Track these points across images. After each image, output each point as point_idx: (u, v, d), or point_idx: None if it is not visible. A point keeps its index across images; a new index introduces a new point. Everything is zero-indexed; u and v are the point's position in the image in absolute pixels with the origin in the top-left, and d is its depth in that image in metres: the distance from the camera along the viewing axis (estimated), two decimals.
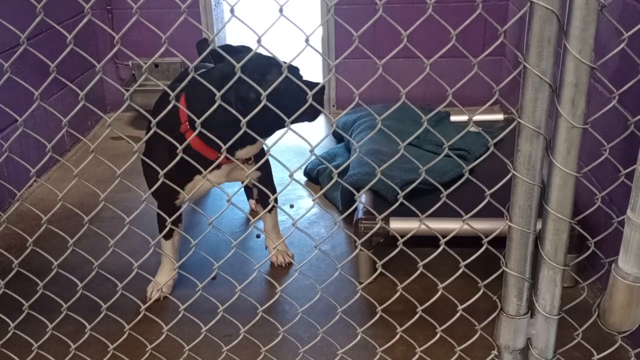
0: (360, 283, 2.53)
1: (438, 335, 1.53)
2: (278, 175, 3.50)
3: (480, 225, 1.48)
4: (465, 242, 1.64)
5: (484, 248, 1.36)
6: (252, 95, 1.84)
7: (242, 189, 3.29)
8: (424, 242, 1.77)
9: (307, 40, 1.18)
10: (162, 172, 1.30)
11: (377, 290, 2.42)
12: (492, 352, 1.40)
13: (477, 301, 1.44)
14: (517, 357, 1.36)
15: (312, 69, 4.64)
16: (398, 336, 1.56)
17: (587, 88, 1.11)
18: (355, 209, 2.64)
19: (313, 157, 3.45)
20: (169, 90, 1.25)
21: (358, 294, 1.57)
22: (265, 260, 1.63)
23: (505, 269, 1.28)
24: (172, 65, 4.26)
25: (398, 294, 1.50)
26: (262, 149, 2.27)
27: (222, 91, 1.24)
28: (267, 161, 2.53)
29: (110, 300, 1.60)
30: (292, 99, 1.68)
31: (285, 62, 1.26)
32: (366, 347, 1.87)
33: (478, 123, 3.59)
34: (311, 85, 2.04)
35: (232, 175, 2.28)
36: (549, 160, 1.18)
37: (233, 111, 1.33)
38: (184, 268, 1.55)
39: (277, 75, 1.68)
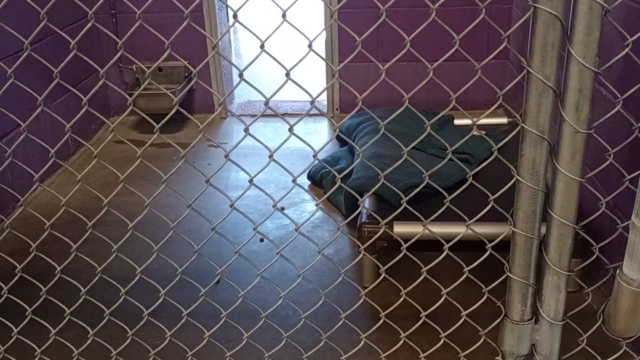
0: (364, 288, 2.52)
1: (442, 341, 1.52)
2: (282, 178, 3.51)
3: (484, 230, 1.48)
4: (469, 247, 1.64)
5: (487, 253, 1.36)
6: None
7: (246, 193, 3.29)
8: (427, 246, 1.76)
9: (310, 46, 1.18)
10: None
11: (381, 295, 2.41)
12: (496, 357, 1.39)
13: (481, 306, 1.43)
14: None
15: (316, 73, 4.65)
16: (402, 341, 1.55)
17: (591, 93, 1.11)
18: (359, 213, 2.64)
19: (316, 161, 3.46)
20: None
21: (361, 299, 1.56)
22: (270, 264, 1.63)
23: (509, 274, 1.27)
24: (176, 69, 4.28)
25: (402, 299, 1.50)
26: None
27: None
28: None
29: (114, 305, 1.59)
30: None
31: None
32: (370, 352, 1.86)
33: (482, 127, 3.58)
34: None
35: None
36: (553, 165, 1.17)
37: None
38: (187, 273, 1.54)
39: None
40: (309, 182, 3.50)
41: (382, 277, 1.50)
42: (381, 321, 1.53)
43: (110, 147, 4.02)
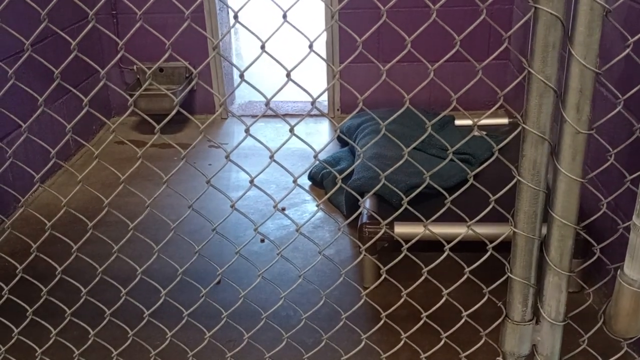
0: (365, 288, 2.52)
1: (443, 341, 1.52)
2: (282, 179, 3.51)
3: (485, 231, 1.48)
4: (469, 247, 1.64)
5: (488, 254, 1.36)
6: None
7: (247, 194, 3.29)
8: (428, 246, 1.76)
9: (310, 46, 1.18)
10: None
11: (382, 295, 2.41)
12: (497, 358, 1.39)
13: (482, 307, 1.43)
14: None
15: (316, 74, 4.65)
16: (403, 342, 1.55)
17: (592, 94, 1.11)
18: (360, 213, 2.64)
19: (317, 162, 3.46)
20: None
21: (362, 300, 1.56)
22: (271, 265, 1.63)
23: (510, 275, 1.27)
24: (177, 70, 4.28)
25: (402, 299, 1.50)
26: None
27: None
28: None
29: (114, 305, 1.60)
30: None
31: None
32: (370, 353, 1.86)
33: (483, 127, 3.58)
34: None
35: None
36: (554, 165, 1.17)
37: None
38: (188, 274, 1.54)
39: None
40: (309, 183, 3.50)
41: (382, 277, 1.49)
42: (382, 322, 1.53)
43: (111, 147, 4.02)
